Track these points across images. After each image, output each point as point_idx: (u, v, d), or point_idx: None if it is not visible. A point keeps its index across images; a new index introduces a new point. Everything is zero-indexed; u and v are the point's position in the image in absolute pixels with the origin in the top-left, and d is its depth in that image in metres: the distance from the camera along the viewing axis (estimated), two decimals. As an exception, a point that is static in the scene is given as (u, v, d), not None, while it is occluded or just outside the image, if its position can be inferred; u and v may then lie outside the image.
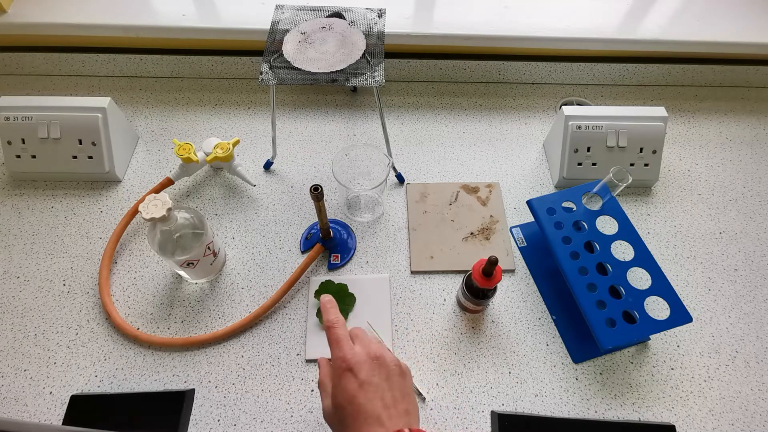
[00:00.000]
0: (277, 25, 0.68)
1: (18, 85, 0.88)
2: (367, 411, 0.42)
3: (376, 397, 0.43)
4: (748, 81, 0.92)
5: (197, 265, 0.62)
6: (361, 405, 0.42)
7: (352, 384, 0.43)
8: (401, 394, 0.44)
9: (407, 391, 0.45)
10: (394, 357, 0.46)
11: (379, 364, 0.45)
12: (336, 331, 0.46)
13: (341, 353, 0.45)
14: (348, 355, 0.45)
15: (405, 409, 0.43)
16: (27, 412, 0.58)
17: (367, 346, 0.46)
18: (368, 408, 0.42)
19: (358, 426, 0.42)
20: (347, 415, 0.43)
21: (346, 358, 0.44)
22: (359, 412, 0.42)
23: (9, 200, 0.74)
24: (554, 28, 0.84)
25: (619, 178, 0.62)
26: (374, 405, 0.43)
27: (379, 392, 0.43)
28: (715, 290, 0.69)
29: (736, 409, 0.60)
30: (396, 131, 0.84)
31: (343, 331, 0.47)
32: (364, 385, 0.43)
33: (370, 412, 0.42)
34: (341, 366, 0.44)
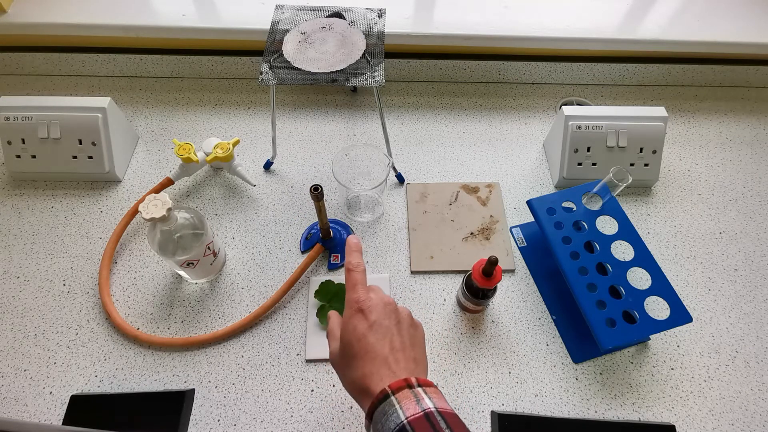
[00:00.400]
0: (277, 25, 0.68)
1: (18, 85, 0.88)
2: (375, 350, 0.42)
3: (385, 339, 0.43)
4: (748, 81, 0.92)
5: (197, 265, 0.62)
6: (369, 344, 0.43)
7: (362, 324, 0.43)
8: (410, 342, 0.44)
9: (417, 341, 0.45)
10: (408, 310, 0.47)
11: (392, 309, 0.45)
12: (355, 274, 0.46)
13: (355, 295, 0.45)
14: (362, 297, 0.45)
15: (413, 357, 0.43)
16: (27, 412, 0.58)
17: (382, 295, 0.46)
18: (376, 348, 0.42)
19: (363, 364, 0.42)
20: (354, 354, 0.43)
21: (360, 299, 0.45)
22: (366, 351, 0.42)
23: (9, 200, 0.74)
24: (554, 28, 0.84)
25: (619, 178, 0.62)
26: (382, 345, 0.43)
27: (389, 335, 0.43)
28: (715, 290, 0.69)
29: (736, 409, 0.60)
30: (396, 131, 0.84)
31: (362, 276, 0.47)
32: (374, 325, 0.43)
33: (378, 352, 0.42)
34: (353, 306, 0.44)
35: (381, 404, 0.39)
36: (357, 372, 0.42)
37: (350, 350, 0.43)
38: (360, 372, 0.42)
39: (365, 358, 0.42)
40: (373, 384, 0.41)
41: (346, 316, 0.45)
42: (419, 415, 0.38)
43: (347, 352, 0.44)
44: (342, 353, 0.44)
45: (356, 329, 0.43)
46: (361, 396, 0.42)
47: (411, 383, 0.40)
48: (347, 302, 0.46)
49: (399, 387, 0.40)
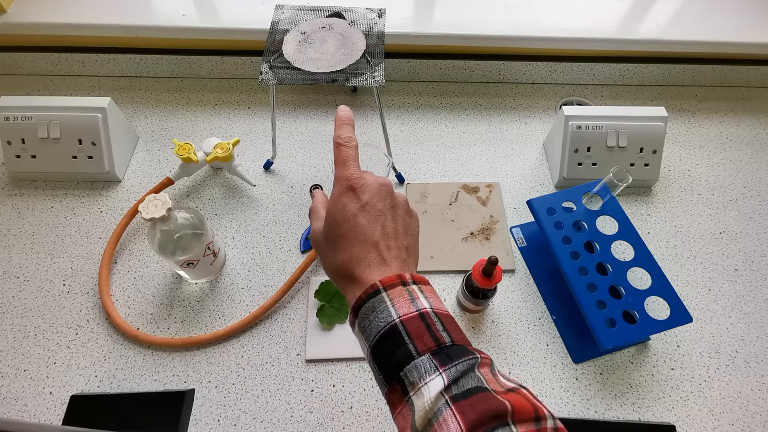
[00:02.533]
0: (277, 25, 0.68)
1: (18, 85, 0.88)
2: (366, 233, 0.38)
3: (377, 223, 0.38)
4: (748, 81, 0.92)
5: (197, 265, 0.62)
6: (360, 225, 0.38)
7: (353, 203, 0.38)
8: (404, 229, 0.40)
9: (411, 230, 0.41)
10: (405, 196, 0.42)
11: (388, 192, 0.40)
12: (345, 149, 0.41)
13: (347, 172, 0.39)
14: (354, 175, 0.39)
15: (405, 245, 0.39)
16: (27, 412, 0.58)
17: (377, 176, 0.41)
18: (367, 231, 0.38)
19: (351, 246, 0.38)
20: (342, 235, 0.38)
21: (352, 176, 0.39)
22: (356, 233, 0.38)
23: (9, 200, 0.74)
24: (554, 28, 0.84)
25: (619, 178, 0.62)
26: (374, 229, 0.38)
27: (381, 218, 0.39)
28: (715, 290, 0.69)
29: (736, 409, 0.60)
30: (396, 131, 0.84)
31: (354, 152, 0.41)
32: (366, 206, 0.38)
33: (368, 235, 0.38)
34: (344, 184, 0.39)
35: (370, 299, 0.35)
36: (343, 254, 0.38)
37: (337, 230, 0.39)
38: (346, 255, 0.38)
39: (353, 241, 0.38)
40: (360, 270, 0.37)
41: (335, 194, 0.39)
42: (413, 314, 0.34)
43: (333, 233, 0.39)
44: (327, 233, 0.40)
45: (345, 208, 0.38)
46: (346, 282, 0.38)
47: (405, 279, 0.36)
48: (336, 179, 0.40)
49: (392, 282, 0.36)
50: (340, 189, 0.39)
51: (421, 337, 0.33)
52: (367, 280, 0.36)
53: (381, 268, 0.37)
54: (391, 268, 0.37)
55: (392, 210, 0.40)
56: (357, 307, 0.36)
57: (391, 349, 0.34)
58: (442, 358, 0.33)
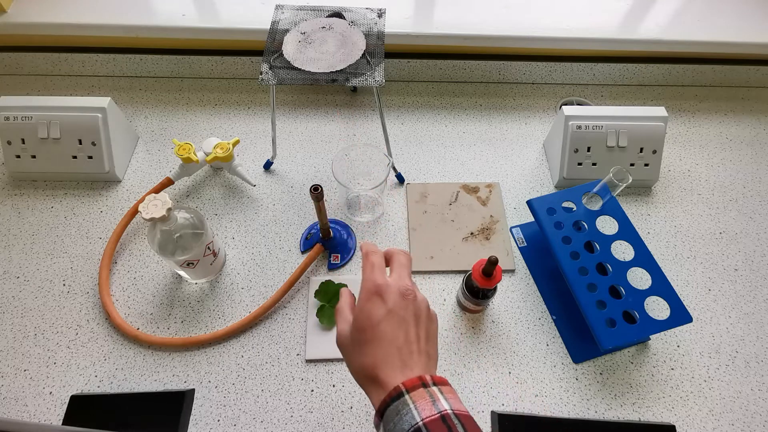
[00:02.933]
0: (277, 25, 0.68)
1: (18, 85, 0.88)
2: (389, 339, 0.41)
3: (401, 330, 0.41)
4: (748, 81, 0.92)
5: (197, 265, 0.62)
6: (384, 332, 0.41)
7: (378, 309, 0.41)
8: (426, 336, 0.42)
9: (432, 335, 0.43)
10: (425, 299, 0.45)
11: (412, 300, 0.43)
12: (374, 256, 0.45)
13: (373, 276, 0.43)
14: (380, 281, 0.43)
15: (427, 351, 0.42)
16: (27, 412, 0.58)
17: (401, 278, 0.44)
18: (390, 337, 0.41)
19: (375, 351, 0.40)
20: (367, 340, 0.41)
21: (378, 282, 0.42)
22: (380, 339, 0.41)
23: (9, 200, 0.74)
24: (554, 28, 0.84)
25: (619, 178, 0.62)
26: (397, 336, 0.41)
27: (404, 326, 0.41)
28: (715, 290, 0.69)
29: (736, 409, 0.60)
30: (396, 131, 0.84)
31: (381, 260, 0.45)
32: (391, 313, 0.41)
33: (391, 341, 0.41)
34: (370, 288, 0.42)
35: (394, 402, 0.38)
36: (367, 359, 0.41)
37: (362, 335, 0.41)
38: (370, 359, 0.40)
39: (378, 346, 0.40)
40: (383, 374, 0.39)
41: (362, 299, 0.43)
42: (435, 417, 0.36)
43: (359, 337, 0.42)
44: (353, 337, 0.42)
45: (371, 314, 0.41)
46: (370, 385, 0.41)
47: (426, 381, 0.39)
48: (364, 283, 0.43)
49: (413, 385, 0.38)
50: (367, 294, 0.42)
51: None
52: (390, 383, 0.39)
53: (403, 371, 0.39)
54: (413, 371, 0.40)
55: (415, 317, 0.42)
56: (382, 410, 0.39)
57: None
58: None
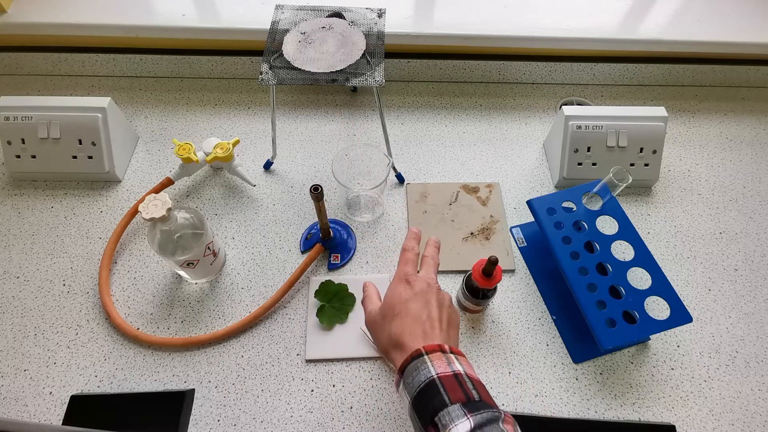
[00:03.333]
0: (277, 25, 0.68)
1: (18, 85, 0.88)
2: (414, 313, 0.47)
3: (425, 309, 0.47)
4: (748, 81, 0.92)
5: (197, 265, 0.62)
6: (410, 308, 0.47)
7: (406, 291, 0.49)
8: (447, 321, 0.48)
9: (453, 322, 0.49)
10: (449, 295, 0.51)
11: (437, 290, 0.50)
12: (409, 254, 0.52)
13: (406, 268, 0.51)
14: (410, 272, 0.50)
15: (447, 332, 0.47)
16: (27, 412, 0.58)
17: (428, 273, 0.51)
18: (415, 312, 0.47)
19: (402, 322, 0.47)
20: (395, 314, 0.48)
21: (408, 273, 0.50)
22: (407, 312, 0.47)
23: (9, 200, 0.74)
24: (554, 28, 0.84)
25: (619, 178, 0.62)
26: (421, 312, 0.47)
27: (428, 307, 0.48)
28: (715, 290, 0.69)
29: (736, 409, 0.60)
30: (396, 131, 0.84)
31: (415, 257, 0.53)
32: (417, 295, 0.48)
33: (416, 315, 0.47)
34: (401, 276, 0.50)
35: (414, 361, 0.43)
36: (395, 328, 0.46)
37: (391, 310, 0.48)
38: (398, 328, 0.46)
39: (405, 318, 0.47)
40: (407, 339, 0.45)
41: (393, 284, 0.50)
42: (449, 374, 0.42)
43: (388, 312, 0.48)
44: (382, 313, 0.49)
45: (400, 294, 0.49)
46: (395, 350, 0.46)
47: (444, 349, 0.44)
48: (397, 273, 0.51)
49: (432, 349, 0.44)
50: (398, 280, 0.50)
51: (454, 390, 0.41)
52: (412, 346, 0.44)
53: (425, 339, 0.45)
54: (433, 341, 0.45)
55: (438, 302, 0.49)
56: (402, 368, 0.44)
57: (428, 399, 0.41)
58: (470, 407, 0.40)
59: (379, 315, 0.49)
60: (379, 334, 0.49)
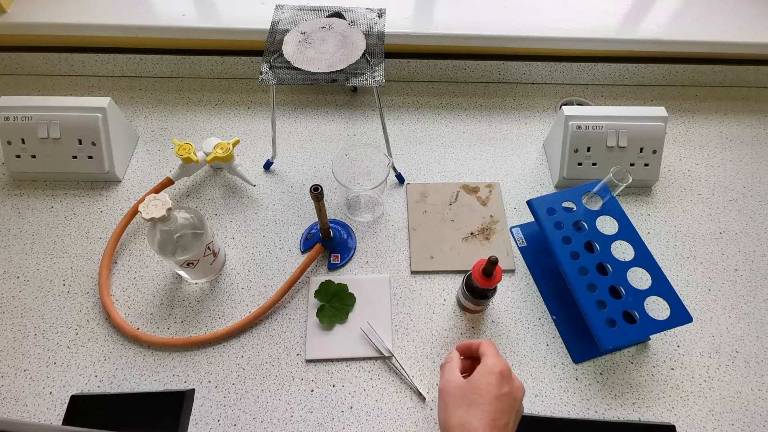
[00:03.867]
0: (277, 25, 0.68)
1: (18, 85, 0.88)
2: (492, 414, 0.44)
3: (505, 413, 0.45)
4: (748, 81, 0.92)
5: (197, 265, 0.62)
6: (494, 406, 0.45)
7: (501, 387, 0.46)
8: (514, 424, 0.47)
9: (517, 424, 0.48)
10: (524, 388, 0.49)
11: (521, 390, 0.48)
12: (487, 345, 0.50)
13: (502, 360, 0.48)
14: (505, 366, 0.48)
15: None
16: (27, 412, 0.58)
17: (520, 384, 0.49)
18: (495, 414, 0.45)
19: (480, 415, 0.44)
20: (477, 402, 0.45)
21: (504, 367, 0.47)
22: (490, 410, 0.44)
23: (9, 200, 0.74)
24: (554, 28, 0.84)
25: (619, 178, 0.62)
26: (501, 416, 0.45)
27: (508, 412, 0.46)
28: (716, 290, 0.69)
29: (736, 409, 0.60)
30: (396, 131, 0.84)
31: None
32: (507, 395, 0.46)
33: (494, 417, 0.44)
34: (503, 367, 0.47)
35: None
36: (470, 416, 0.44)
37: (474, 395, 0.45)
38: (473, 419, 0.44)
39: (484, 413, 0.44)
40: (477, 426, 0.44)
41: (489, 369, 0.47)
42: None
43: (471, 396, 0.45)
44: (463, 390, 0.46)
45: (491, 386, 0.46)
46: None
47: None
48: (498, 362, 0.48)
49: None
50: (494, 368, 0.47)
51: None
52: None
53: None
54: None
55: (518, 413, 0.47)
56: None
57: None
58: None
59: (459, 390, 0.47)
60: (448, 412, 0.46)
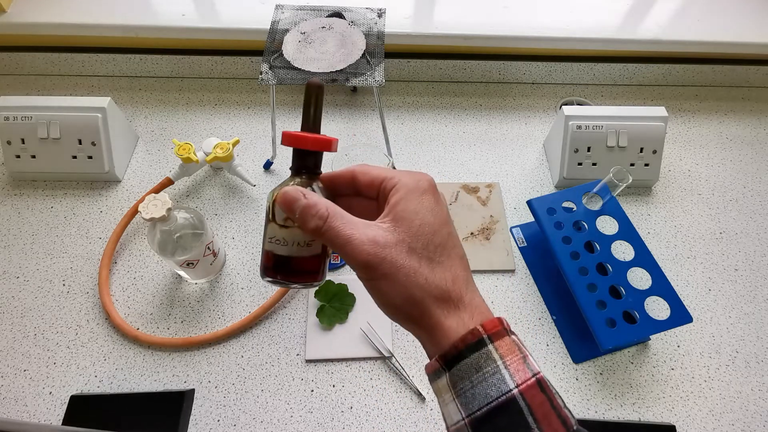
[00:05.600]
0: (277, 25, 0.68)
1: (18, 85, 0.88)
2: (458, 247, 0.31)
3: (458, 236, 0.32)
4: (748, 81, 0.92)
5: (197, 265, 0.62)
6: (453, 236, 0.31)
7: (441, 207, 0.31)
8: None
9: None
10: None
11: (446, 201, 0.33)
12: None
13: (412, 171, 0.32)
14: (427, 175, 0.31)
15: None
16: (27, 412, 0.58)
17: None
18: (458, 244, 0.31)
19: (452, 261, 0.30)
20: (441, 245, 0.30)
21: (420, 174, 0.31)
22: (454, 245, 0.30)
23: (9, 200, 0.74)
24: (554, 28, 0.84)
25: (619, 178, 0.62)
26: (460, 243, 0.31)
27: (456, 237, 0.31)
28: (716, 290, 0.69)
29: (736, 409, 0.60)
30: (396, 131, 0.84)
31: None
32: (448, 215, 0.32)
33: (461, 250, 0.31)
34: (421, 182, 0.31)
35: (472, 353, 0.27)
36: (445, 272, 0.29)
37: (434, 238, 0.29)
38: (449, 273, 0.29)
39: (453, 255, 0.30)
40: (466, 293, 0.29)
41: (414, 192, 0.30)
42: (531, 383, 0.26)
43: (429, 241, 0.29)
44: (418, 241, 0.29)
45: (440, 211, 0.30)
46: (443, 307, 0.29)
47: (505, 326, 0.28)
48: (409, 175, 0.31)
49: (496, 331, 0.28)
50: (417, 189, 0.30)
51: (547, 418, 0.26)
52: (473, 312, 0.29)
53: (472, 297, 0.29)
54: (479, 301, 0.30)
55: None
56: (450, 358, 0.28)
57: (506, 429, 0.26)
58: None
59: (402, 245, 0.28)
60: (404, 278, 0.28)
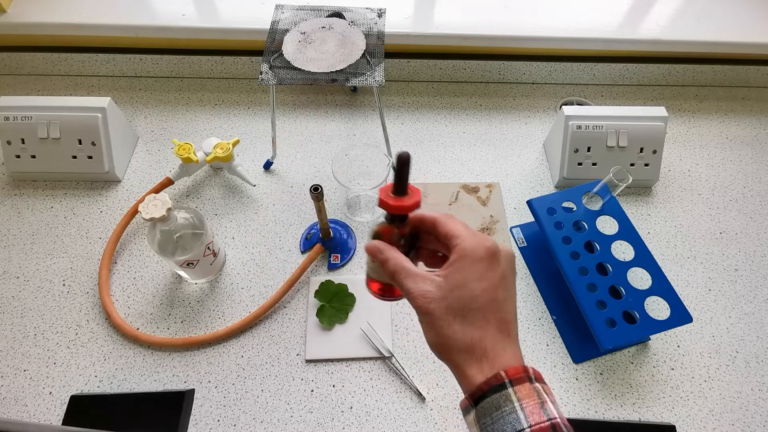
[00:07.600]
0: (277, 25, 0.68)
1: (18, 85, 0.88)
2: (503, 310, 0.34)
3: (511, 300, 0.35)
4: (748, 81, 0.92)
5: (197, 265, 0.62)
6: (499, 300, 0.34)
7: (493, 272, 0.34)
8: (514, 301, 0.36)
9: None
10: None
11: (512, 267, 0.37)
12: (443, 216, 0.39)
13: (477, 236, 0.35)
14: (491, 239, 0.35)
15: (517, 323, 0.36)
16: (27, 412, 0.58)
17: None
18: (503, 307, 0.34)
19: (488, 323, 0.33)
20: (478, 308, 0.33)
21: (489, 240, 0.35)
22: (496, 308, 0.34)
23: (9, 200, 0.74)
24: (554, 28, 0.84)
25: (619, 178, 0.62)
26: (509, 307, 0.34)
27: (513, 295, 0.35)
28: (716, 290, 0.69)
29: (736, 409, 0.60)
30: (396, 131, 0.84)
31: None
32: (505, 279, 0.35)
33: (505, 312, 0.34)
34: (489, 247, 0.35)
35: (493, 394, 0.31)
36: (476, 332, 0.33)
37: (472, 303, 0.33)
38: (479, 333, 0.33)
39: (490, 317, 0.33)
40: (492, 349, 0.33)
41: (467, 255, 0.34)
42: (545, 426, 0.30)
43: (467, 304, 0.33)
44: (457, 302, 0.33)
45: (486, 276, 0.34)
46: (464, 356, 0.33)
47: (530, 374, 0.32)
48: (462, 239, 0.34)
49: (518, 377, 0.31)
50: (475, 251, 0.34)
51: None
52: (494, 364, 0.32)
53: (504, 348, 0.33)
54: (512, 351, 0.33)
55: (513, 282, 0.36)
56: (476, 396, 0.32)
57: None
58: None
59: (446, 302, 0.33)
60: (441, 331, 0.33)
